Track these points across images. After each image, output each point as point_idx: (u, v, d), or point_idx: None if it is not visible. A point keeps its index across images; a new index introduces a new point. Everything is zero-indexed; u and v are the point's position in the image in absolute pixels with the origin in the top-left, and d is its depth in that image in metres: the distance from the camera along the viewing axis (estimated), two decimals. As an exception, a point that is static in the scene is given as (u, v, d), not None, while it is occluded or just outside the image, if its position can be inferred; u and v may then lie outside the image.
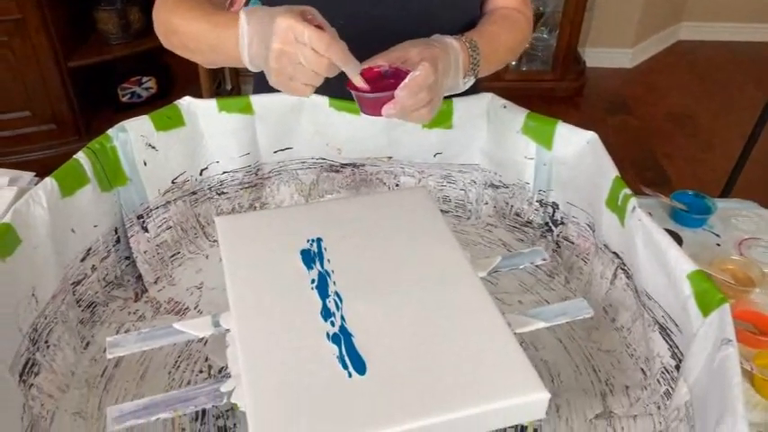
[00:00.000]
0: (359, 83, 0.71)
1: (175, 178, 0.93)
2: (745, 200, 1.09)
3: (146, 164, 0.88)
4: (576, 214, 0.90)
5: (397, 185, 1.01)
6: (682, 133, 2.79)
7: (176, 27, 0.81)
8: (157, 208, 0.92)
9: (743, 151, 1.90)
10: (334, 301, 0.66)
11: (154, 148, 0.89)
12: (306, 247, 0.73)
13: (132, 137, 0.86)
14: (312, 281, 0.69)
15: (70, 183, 0.79)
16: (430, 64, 0.71)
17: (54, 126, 2.36)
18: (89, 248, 0.84)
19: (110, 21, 2.35)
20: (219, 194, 0.98)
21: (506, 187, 0.97)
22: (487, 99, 0.93)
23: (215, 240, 0.97)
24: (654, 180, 2.47)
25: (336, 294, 0.67)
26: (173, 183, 0.93)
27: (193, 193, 0.96)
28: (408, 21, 0.87)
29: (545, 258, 0.80)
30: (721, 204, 1.04)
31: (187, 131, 0.91)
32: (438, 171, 1.00)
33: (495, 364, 0.60)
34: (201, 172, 0.96)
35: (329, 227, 0.76)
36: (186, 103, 0.90)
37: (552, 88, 2.98)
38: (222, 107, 0.91)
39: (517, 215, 0.98)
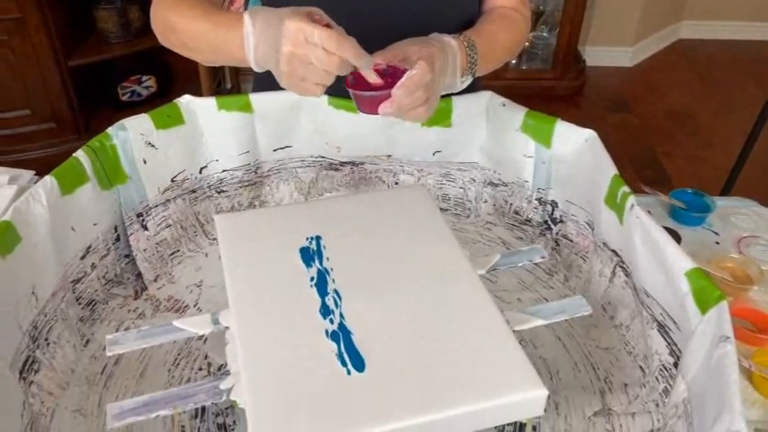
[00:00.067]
0: (371, 77, 0.71)
1: (175, 176, 0.93)
2: (745, 198, 1.09)
3: (145, 162, 0.89)
4: (575, 212, 0.90)
5: (397, 184, 1.01)
6: (682, 132, 2.79)
7: (175, 25, 0.81)
8: (157, 206, 0.92)
9: (743, 150, 1.90)
10: (334, 299, 0.66)
11: (153, 146, 0.89)
12: (305, 244, 0.73)
13: (132, 135, 0.86)
14: (311, 278, 0.69)
15: (70, 181, 0.79)
16: (427, 63, 0.71)
17: (54, 125, 2.36)
18: (89, 246, 0.84)
19: (109, 19, 2.35)
20: (219, 193, 0.98)
21: (505, 185, 0.97)
22: (486, 97, 0.93)
23: (214, 238, 0.97)
24: (654, 179, 2.47)
25: (335, 292, 0.67)
26: (172, 181, 0.93)
27: (193, 192, 0.96)
28: (411, 19, 0.87)
29: (544, 256, 0.80)
30: (720, 203, 1.04)
31: (187, 130, 0.91)
32: (437, 169, 1.00)
33: (493, 361, 0.60)
34: (201, 170, 0.96)
35: (328, 225, 0.76)
36: (186, 102, 0.90)
37: (552, 87, 2.98)
38: (222, 105, 0.91)
39: (516, 213, 0.98)
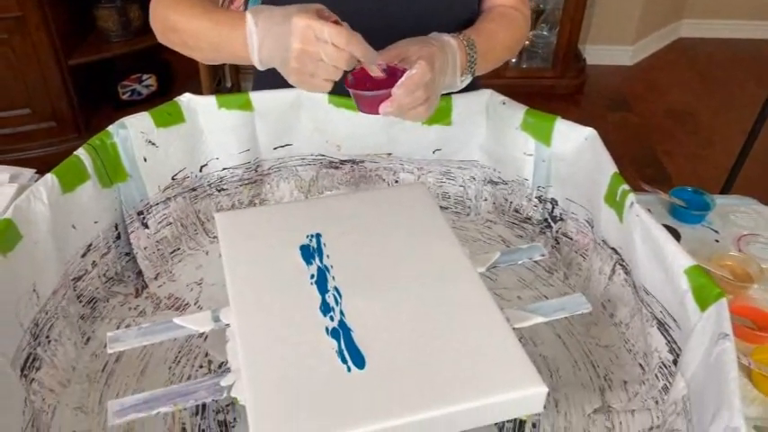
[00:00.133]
0: (375, 72, 0.71)
1: (175, 175, 0.93)
2: (744, 196, 1.09)
3: (146, 160, 0.89)
4: (575, 210, 0.90)
5: (397, 182, 1.01)
6: (682, 130, 2.79)
7: (175, 24, 0.81)
8: (157, 204, 0.92)
9: (743, 148, 1.90)
10: (334, 296, 0.66)
11: (154, 144, 0.89)
12: (305, 242, 0.74)
13: (132, 133, 0.86)
14: (311, 276, 0.69)
15: (71, 179, 0.80)
16: (427, 62, 0.71)
17: (54, 123, 2.37)
18: (89, 244, 0.85)
19: (110, 18, 2.36)
20: (219, 191, 0.99)
21: (505, 184, 0.98)
22: (486, 96, 0.93)
23: (215, 236, 0.98)
24: (654, 177, 2.47)
25: (336, 289, 0.67)
26: (173, 179, 0.93)
27: (193, 190, 0.96)
28: (410, 19, 0.87)
29: (544, 254, 0.80)
30: (720, 201, 1.04)
31: (187, 128, 0.91)
32: (437, 167, 1.00)
33: (493, 358, 0.60)
34: (201, 168, 0.96)
35: (329, 223, 0.77)
36: (186, 100, 0.90)
37: (552, 85, 2.98)
38: (222, 104, 0.91)
39: (516, 211, 0.98)
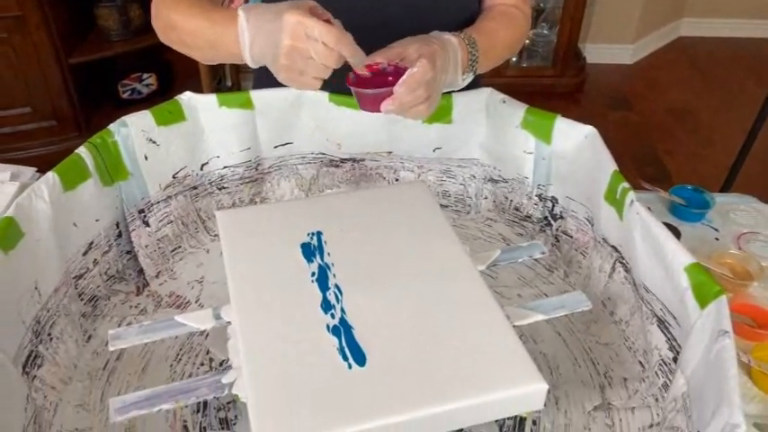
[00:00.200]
0: (364, 73, 0.71)
1: (176, 173, 0.93)
2: (744, 194, 1.10)
3: (147, 158, 0.89)
4: (575, 208, 0.90)
5: (397, 180, 1.02)
6: (682, 129, 2.79)
7: (175, 23, 0.82)
8: (158, 202, 0.93)
9: (743, 147, 1.90)
10: (335, 294, 0.66)
11: (155, 142, 0.89)
12: (306, 240, 0.74)
13: (133, 131, 0.86)
14: (312, 274, 0.69)
15: (72, 177, 0.80)
16: (428, 60, 0.71)
17: (55, 123, 2.37)
18: (91, 242, 0.85)
19: (110, 17, 2.36)
20: (220, 189, 0.99)
21: (506, 182, 0.98)
22: (486, 94, 0.93)
23: (216, 235, 0.98)
24: (654, 176, 2.47)
25: (336, 287, 0.67)
26: (174, 177, 0.93)
27: (194, 188, 0.96)
28: (409, 16, 0.88)
29: (544, 252, 0.80)
30: (720, 199, 1.04)
31: (188, 126, 0.92)
32: (437, 166, 1.00)
33: (493, 355, 0.60)
34: (202, 167, 0.96)
35: (329, 221, 0.77)
36: (187, 98, 0.91)
37: (553, 84, 2.98)
38: (222, 102, 0.92)
39: (516, 209, 0.99)
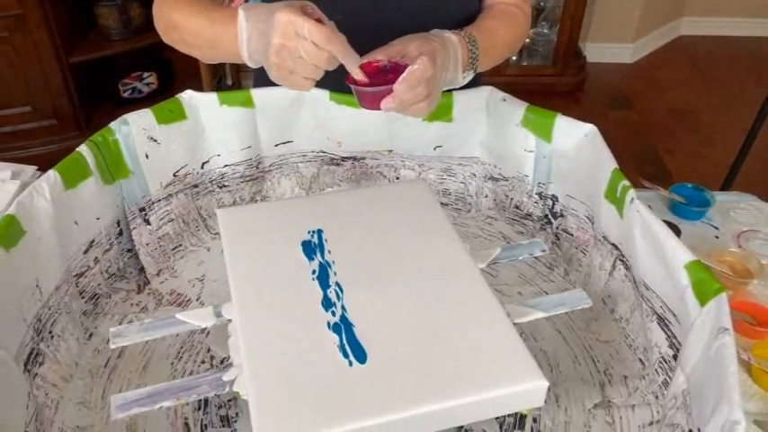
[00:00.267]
0: (357, 75, 0.71)
1: (177, 171, 0.94)
2: (744, 192, 1.10)
3: (147, 157, 0.89)
4: (576, 206, 0.90)
5: (398, 178, 1.02)
6: (682, 128, 2.79)
7: (176, 22, 0.82)
8: (159, 201, 0.93)
9: (743, 146, 1.90)
10: (335, 292, 0.67)
11: (155, 141, 0.89)
12: (306, 238, 0.74)
13: (134, 130, 0.87)
14: (313, 271, 0.69)
15: (73, 175, 0.80)
16: (428, 58, 0.71)
17: (55, 121, 2.37)
18: (92, 240, 0.85)
19: (110, 16, 2.36)
20: (221, 187, 0.99)
21: (506, 180, 0.98)
22: (487, 92, 0.93)
23: (216, 233, 0.98)
24: (655, 175, 2.47)
25: (337, 285, 0.67)
26: (174, 176, 0.93)
27: (195, 186, 0.97)
28: (407, 16, 0.88)
29: (544, 249, 0.80)
30: (720, 197, 1.04)
31: (189, 125, 0.92)
32: (438, 164, 1.00)
33: (494, 353, 0.60)
34: (203, 165, 0.96)
35: (330, 219, 0.77)
36: (188, 97, 0.91)
37: (553, 83, 2.98)
38: (223, 101, 0.92)
39: (517, 208, 0.99)
